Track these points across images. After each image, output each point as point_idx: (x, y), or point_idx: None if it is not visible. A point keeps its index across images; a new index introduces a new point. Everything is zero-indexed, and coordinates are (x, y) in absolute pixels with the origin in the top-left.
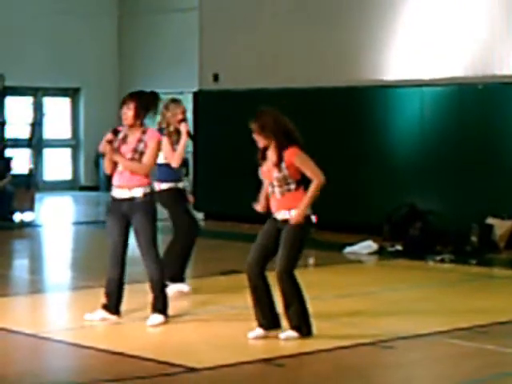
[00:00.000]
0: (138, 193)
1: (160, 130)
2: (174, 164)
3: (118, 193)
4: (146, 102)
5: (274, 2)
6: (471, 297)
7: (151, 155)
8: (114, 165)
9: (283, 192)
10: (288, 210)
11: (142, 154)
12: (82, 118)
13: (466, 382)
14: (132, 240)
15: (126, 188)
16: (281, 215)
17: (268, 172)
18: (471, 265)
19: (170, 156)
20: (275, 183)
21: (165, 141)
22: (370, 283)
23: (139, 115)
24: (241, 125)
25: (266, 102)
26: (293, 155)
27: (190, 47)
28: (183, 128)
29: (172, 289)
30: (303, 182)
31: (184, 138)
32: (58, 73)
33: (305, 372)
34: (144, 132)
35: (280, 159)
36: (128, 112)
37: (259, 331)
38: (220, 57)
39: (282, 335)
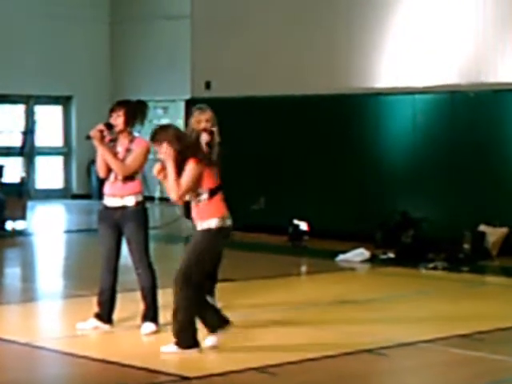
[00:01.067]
0: (131, 201)
1: None
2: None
3: (110, 201)
4: (134, 110)
5: (265, 10)
6: (464, 304)
7: (135, 158)
8: (108, 168)
9: (196, 203)
10: (200, 220)
11: None
12: (74, 125)
13: None
14: (124, 248)
15: (119, 196)
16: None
17: None
18: (464, 272)
19: None
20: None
21: None
22: (362, 291)
23: (129, 122)
24: (233, 132)
25: (258, 109)
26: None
27: (182, 55)
28: (203, 138)
29: None
30: (217, 191)
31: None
32: (49, 80)
33: (297, 380)
34: (132, 141)
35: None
36: (118, 119)
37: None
38: (212, 64)
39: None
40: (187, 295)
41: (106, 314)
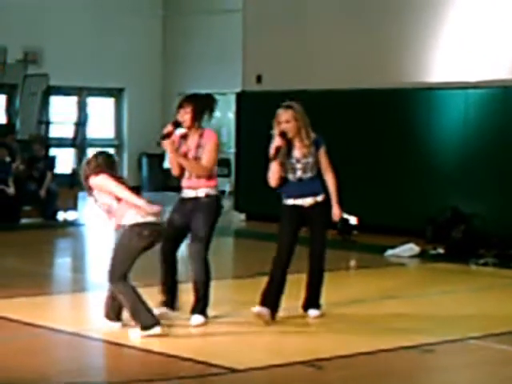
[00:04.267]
0: (202, 193)
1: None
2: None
3: (186, 193)
4: (202, 106)
5: (316, 4)
6: None
7: (209, 158)
8: (181, 167)
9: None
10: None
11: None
12: (125, 118)
13: None
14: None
15: (193, 188)
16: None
17: None
18: None
19: None
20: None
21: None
22: (411, 286)
23: (196, 118)
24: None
25: (309, 103)
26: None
27: (234, 48)
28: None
29: None
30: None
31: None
32: (102, 73)
33: (342, 375)
34: (201, 135)
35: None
36: (185, 115)
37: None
38: (263, 58)
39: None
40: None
41: (171, 302)
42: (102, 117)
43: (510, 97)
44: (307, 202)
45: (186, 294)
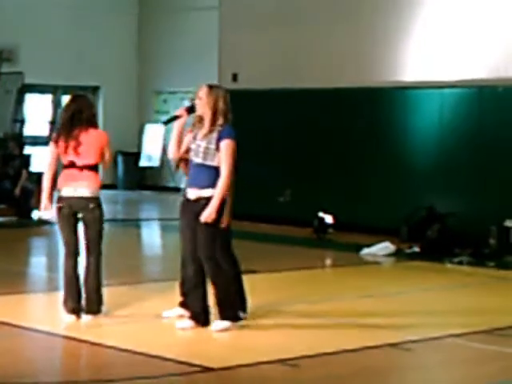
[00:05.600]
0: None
1: None
2: None
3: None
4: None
5: (293, 2)
6: (490, 299)
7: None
8: (186, 162)
9: None
10: None
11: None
12: (100, 116)
13: None
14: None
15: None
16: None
17: None
18: (489, 267)
19: None
20: None
21: None
22: (387, 284)
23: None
24: (259, 124)
25: (284, 102)
26: None
27: (210, 46)
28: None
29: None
30: None
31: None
32: (77, 71)
33: (318, 373)
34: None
35: None
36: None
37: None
38: (239, 56)
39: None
40: None
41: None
42: None
43: (485, 97)
44: (191, 194)
45: None
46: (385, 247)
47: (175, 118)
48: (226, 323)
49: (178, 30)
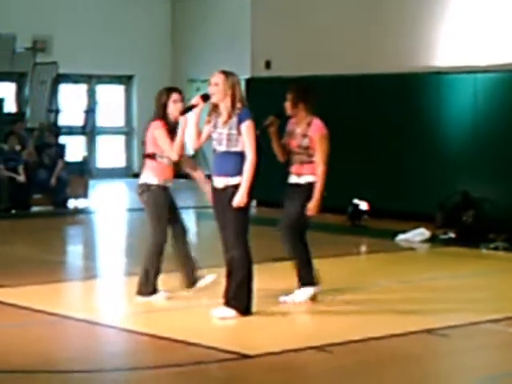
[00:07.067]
0: (304, 180)
1: None
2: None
3: (291, 179)
4: (300, 94)
5: None
6: None
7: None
8: (286, 152)
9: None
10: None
11: (306, 148)
12: (135, 105)
13: None
14: None
15: (296, 175)
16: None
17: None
18: None
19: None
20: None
21: None
22: (422, 271)
23: (297, 105)
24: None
25: (318, 89)
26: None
27: (243, 34)
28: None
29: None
30: None
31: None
32: (111, 60)
33: (354, 359)
34: (309, 124)
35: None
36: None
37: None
38: (272, 44)
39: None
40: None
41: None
42: (111, 104)
43: None
44: (218, 183)
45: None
46: (420, 233)
47: (192, 107)
48: (231, 312)
49: (210, 18)
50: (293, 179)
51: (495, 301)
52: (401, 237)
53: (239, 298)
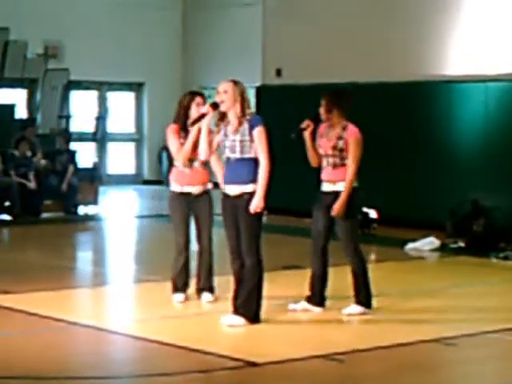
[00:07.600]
0: (342, 187)
1: None
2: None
3: (324, 187)
4: (334, 99)
5: None
6: None
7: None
8: (319, 157)
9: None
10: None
11: (341, 150)
12: (145, 112)
13: None
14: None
15: (331, 182)
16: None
17: None
18: None
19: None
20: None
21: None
22: (432, 280)
23: (331, 111)
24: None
25: None
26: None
27: (254, 42)
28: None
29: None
30: None
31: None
32: (122, 67)
33: (364, 369)
34: (344, 128)
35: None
36: (320, 109)
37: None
38: (283, 52)
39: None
40: None
41: (316, 297)
42: (122, 111)
43: None
44: (232, 190)
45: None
46: (430, 242)
47: (202, 116)
48: (240, 320)
49: (221, 26)
50: (326, 187)
51: (505, 310)
52: (410, 245)
53: (248, 305)
